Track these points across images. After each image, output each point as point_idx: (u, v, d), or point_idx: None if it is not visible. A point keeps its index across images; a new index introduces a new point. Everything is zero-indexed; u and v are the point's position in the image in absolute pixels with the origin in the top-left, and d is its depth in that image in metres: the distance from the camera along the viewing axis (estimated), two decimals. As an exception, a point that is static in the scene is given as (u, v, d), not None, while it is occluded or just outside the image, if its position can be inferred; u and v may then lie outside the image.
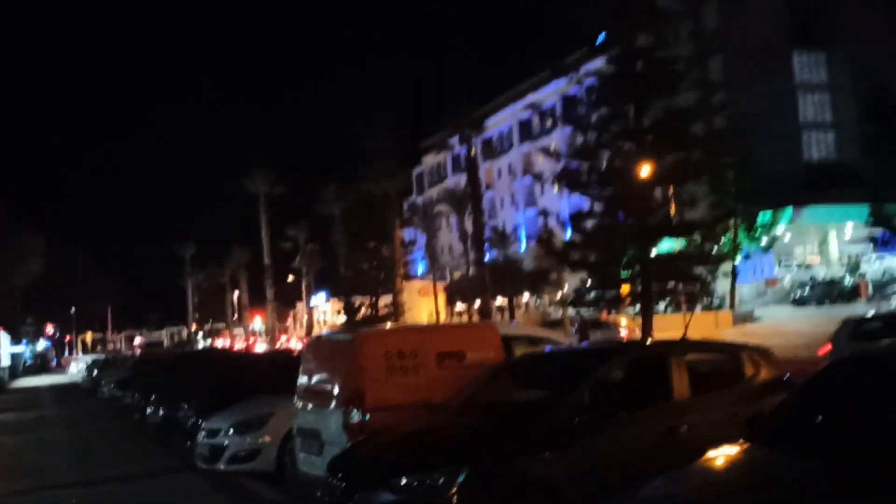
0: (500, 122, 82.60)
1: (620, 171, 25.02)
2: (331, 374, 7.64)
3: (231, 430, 10.07)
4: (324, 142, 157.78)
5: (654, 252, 24.89)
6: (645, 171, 24.22)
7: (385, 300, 48.15)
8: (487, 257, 76.24)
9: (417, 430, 6.19)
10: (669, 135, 24.02)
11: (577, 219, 26.24)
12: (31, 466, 12.75)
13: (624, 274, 24.79)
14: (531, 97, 79.07)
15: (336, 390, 7.49)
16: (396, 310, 46.03)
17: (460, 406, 6.57)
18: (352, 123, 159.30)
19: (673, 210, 26.54)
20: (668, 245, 27.46)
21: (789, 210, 42.41)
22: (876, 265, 46.70)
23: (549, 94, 75.66)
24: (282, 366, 14.60)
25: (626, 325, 28.50)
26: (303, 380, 8.24)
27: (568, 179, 26.41)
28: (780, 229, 41.99)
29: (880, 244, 53.03)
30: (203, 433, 10.51)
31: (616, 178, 24.91)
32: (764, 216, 41.08)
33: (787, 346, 17.95)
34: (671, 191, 26.29)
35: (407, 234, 71.02)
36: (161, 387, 17.71)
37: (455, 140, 50.82)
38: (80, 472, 11.75)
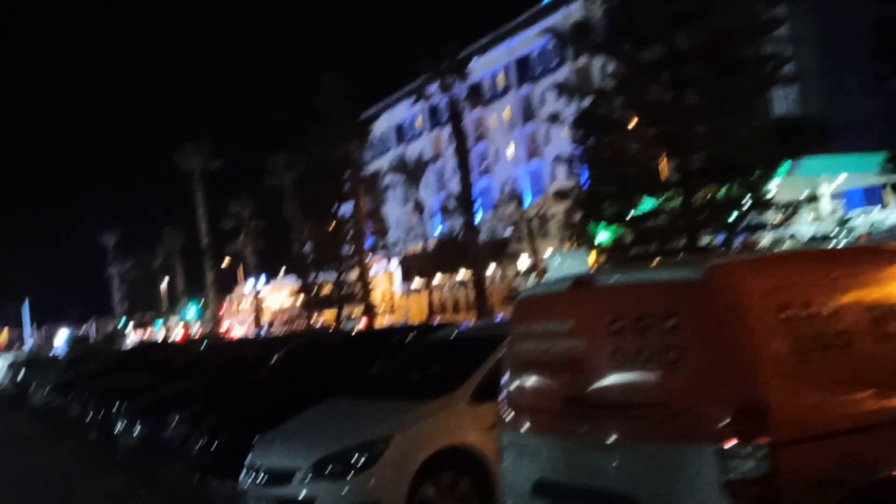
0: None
1: (657, 105, 21.22)
2: (646, 361, 3.37)
3: (313, 472, 5.67)
4: (265, 113, 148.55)
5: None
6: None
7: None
8: (440, 230, 72.29)
9: None
10: (717, 59, 20.30)
11: (603, 165, 22.36)
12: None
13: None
14: (483, 57, 74.95)
15: (675, 400, 3.25)
16: (364, 287, 41.41)
17: None
18: (295, 91, 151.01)
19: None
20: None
21: (787, 163, 39.70)
22: (860, 219, 45.18)
23: (502, 55, 71.92)
24: (327, 353, 10.29)
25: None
26: (530, 379, 3.95)
27: (589, 121, 22.45)
28: (774, 183, 39.28)
29: (850, 199, 51.80)
30: (258, 476, 6.06)
31: (654, 114, 21.08)
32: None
33: None
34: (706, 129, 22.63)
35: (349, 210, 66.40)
36: (121, 392, 13.02)
37: (405, 104, 46.19)
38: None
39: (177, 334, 69.77)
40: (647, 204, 22.54)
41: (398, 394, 6.44)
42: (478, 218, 75.87)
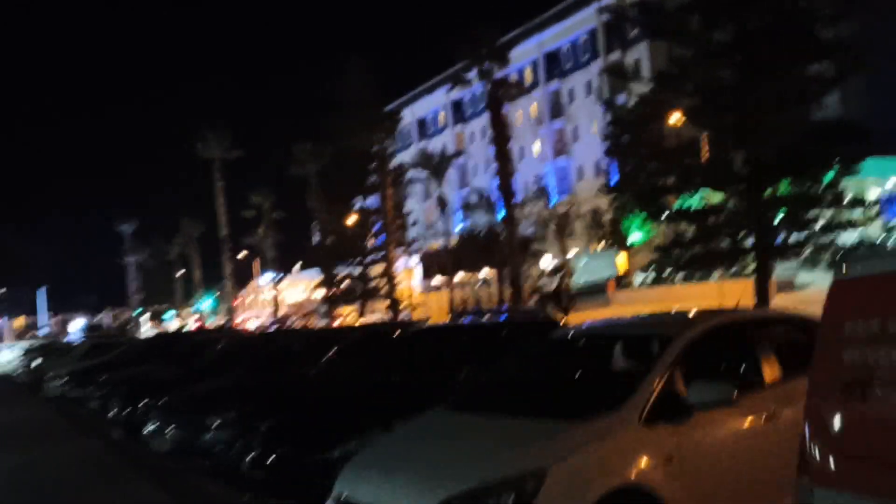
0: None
1: (726, 92, 19.63)
2: None
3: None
4: (288, 102, 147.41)
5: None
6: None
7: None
8: (461, 227, 70.67)
9: None
10: (795, 42, 18.69)
11: (670, 155, 20.78)
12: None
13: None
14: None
15: None
16: (390, 282, 39.98)
17: None
18: (319, 81, 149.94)
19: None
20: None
21: (862, 163, 37.98)
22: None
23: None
24: (398, 349, 8.76)
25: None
26: (885, 409, 2.40)
27: (652, 107, 20.87)
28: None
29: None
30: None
31: (723, 101, 19.50)
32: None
33: None
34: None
35: (373, 203, 64.94)
36: (149, 386, 11.63)
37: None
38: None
39: (190, 325, 68.73)
40: (682, 201, 21.08)
41: (531, 409, 4.87)
42: (503, 214, 74.59)
